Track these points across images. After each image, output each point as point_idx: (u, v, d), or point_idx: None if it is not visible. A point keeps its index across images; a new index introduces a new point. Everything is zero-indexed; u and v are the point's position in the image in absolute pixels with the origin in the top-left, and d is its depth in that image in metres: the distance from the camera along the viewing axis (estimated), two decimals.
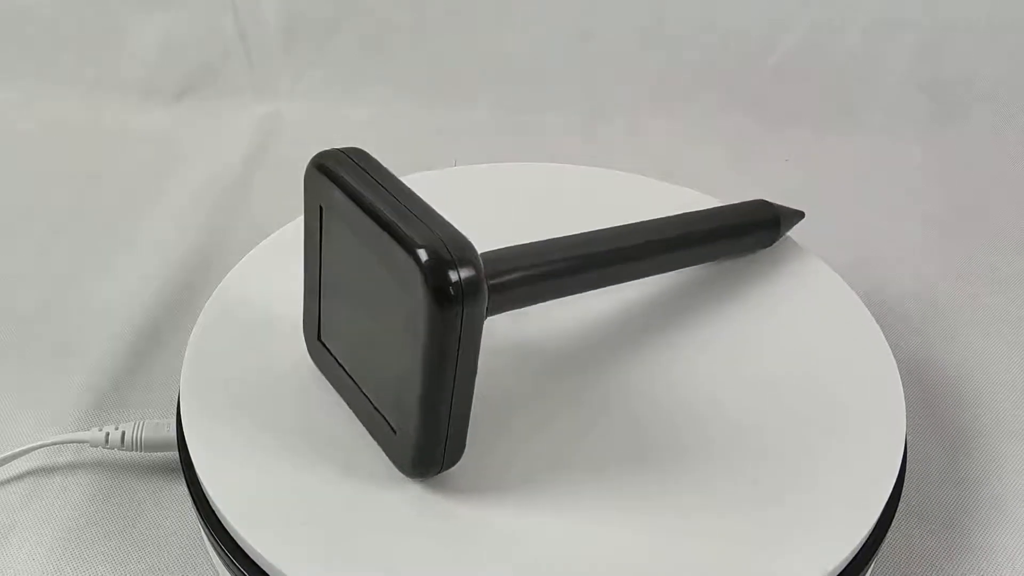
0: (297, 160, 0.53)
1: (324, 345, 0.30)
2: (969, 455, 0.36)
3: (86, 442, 0.34)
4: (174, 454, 0.31)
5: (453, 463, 0.27)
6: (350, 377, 0.29)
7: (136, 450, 0.34)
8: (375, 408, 0.28)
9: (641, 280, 0.34)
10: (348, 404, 0.29)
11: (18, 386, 0.38)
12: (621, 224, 0.33)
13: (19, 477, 0.35)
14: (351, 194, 0.26)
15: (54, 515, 0.33)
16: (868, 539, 0.27)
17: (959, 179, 0.52)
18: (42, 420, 0.37)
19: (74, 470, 0.35)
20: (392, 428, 0.27)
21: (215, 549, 0.29)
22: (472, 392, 0.26)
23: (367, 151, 0.27)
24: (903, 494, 0.29)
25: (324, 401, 0.30)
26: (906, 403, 0.31)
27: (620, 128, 0.55)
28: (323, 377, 0.31)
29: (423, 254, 0.24)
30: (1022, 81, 0.54)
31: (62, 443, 0.34)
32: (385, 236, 0.25)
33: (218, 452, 0.29)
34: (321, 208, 0.27)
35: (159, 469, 0.35)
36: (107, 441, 0.34)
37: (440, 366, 0.25)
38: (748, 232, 0.36)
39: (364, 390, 0.28)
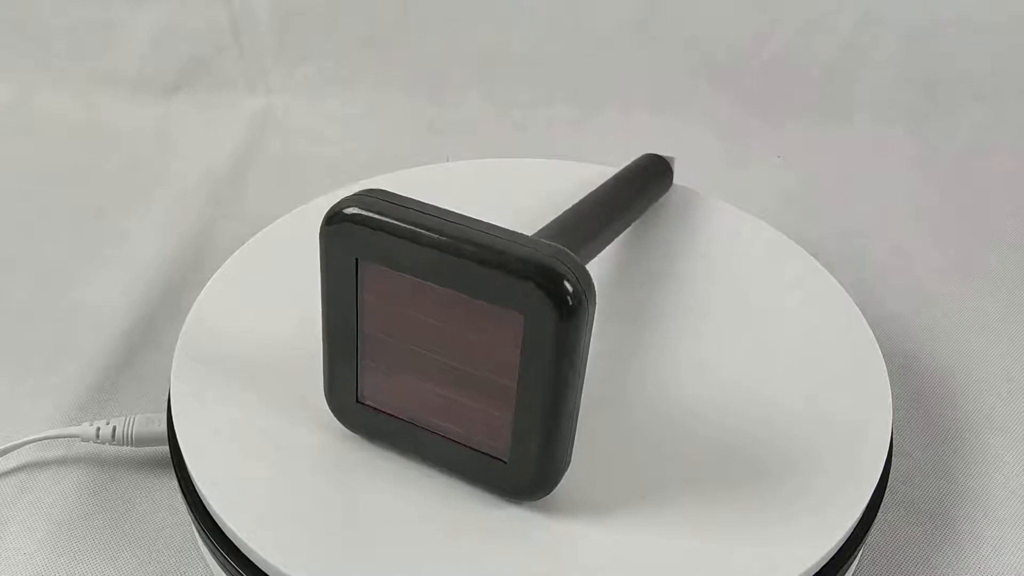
0: (289, 154, 0.54)
1: (367, 405, 0.28)
2: (956, 449, 0.37)
3: (77, 436, 0.34)
4: (165, 448, 0.31)
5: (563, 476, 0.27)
6: (420, 427, 0.27)
7: (127, 444, 0.34)
8: (468, 447, 0.27)
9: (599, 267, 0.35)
10: (412, 454, 0.28)
11: (10, 381, 0.38)
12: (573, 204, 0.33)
13: (10, 472, 0.35)
14: (407, 234, 0.24)
15: (45, 509, 0.33)
16: (854, 529, 0.28)
17: (951, 176, 0.52)
18: (33, 415, 0.37)
19: (65, 464, 0.35)
20: (498, 459, 0.26)
21: (205, 542, 0.29)
22: (580, 400, 0.26)
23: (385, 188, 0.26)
24: (891, 486, 0.30)
25: (314, 395, 0.30)
26: (895, 397, 0.31)
27: (614, 123, 0.55)
28: (311, 368, 0.31)
29: (539, 273, 0.23)
30: (1014, 77, 0.55)
31: (53, 438, 0.34)
32: (474, 267, 0.24)
33: (208, 446, 0.29)
34: (357, 261, 0.26)
35: (150, 463, 0.35)
36: (98, 436, 0.34)
37: (569, 379, 0.25)
38: (656, 183, 0.39)
39: (447, 434, 0.27)
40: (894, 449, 0.30)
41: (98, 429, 0.34)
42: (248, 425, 0.30)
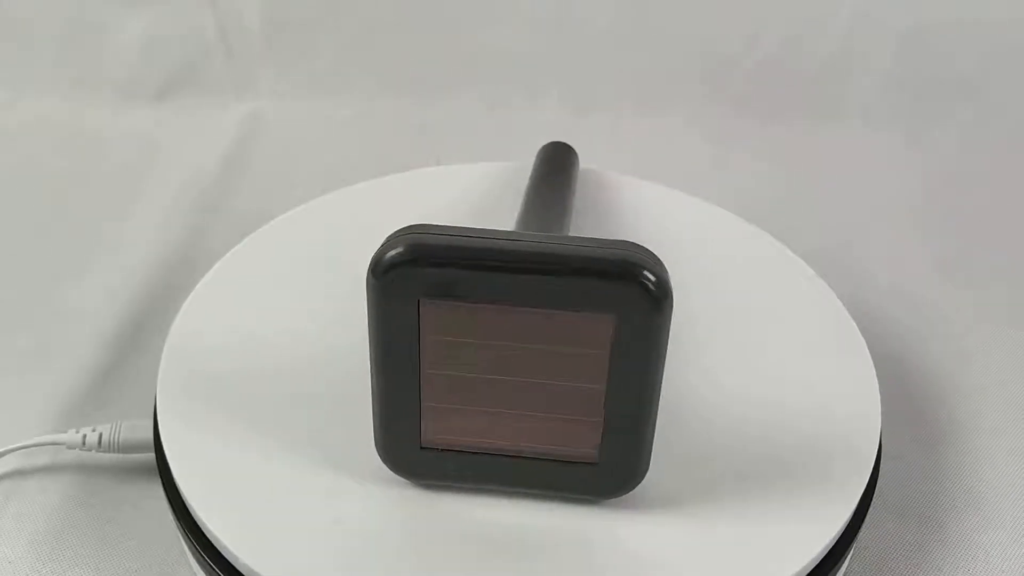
0: (279, 158, 0.54)
1: (433, 449, 0.27)
2: (945, 451, 0.37)
3: (63, 444, 0.34)
4: (152, 455, 0.31)
5: None
6: (494, 454, 0.27)
7: (114, 452, 0.34)
8: (552, 460, 0.27)
9: None
10: (484, 484, 0.28)
11: None
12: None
13: None
14: (479, 263, 0.24)
15: (31, 518, 0.33)
16: (843, 532, 0.28)
17: (941, 176, 0.52)
18: (19, 422, 0.36)
19: (51, 472, 0.35)
20: (587, 463, 0.26)
21: (191, 551, 0.29)
22: None
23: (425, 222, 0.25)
24: (880, 488, 0.30)
25: (302, 400, 0.30)
26: (885, 399, 0.31)
27: (604, 126, 0.55)
28: (298, 372, 0.31)
29: (631, 271, 0.23)
30: (1004, 78, 0.55)
31: (39, 445, 0.34)
32: (560, 279, 0.23)
33: (194, 453, 0.29)
34: (419, 303, 0.25)
35: (137, 471, 0.34)
36: (84, 443, 0.33)
37: (659, 369, 0.25)
38: (574, 170, 0.40)
39: (527, 453, 0.27)
40: (884, 451, 0.30)
41: (84, 436, 0.33)
42: (236, 431, 0.29)
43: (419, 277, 0.24)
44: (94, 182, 0.51)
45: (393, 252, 0.24)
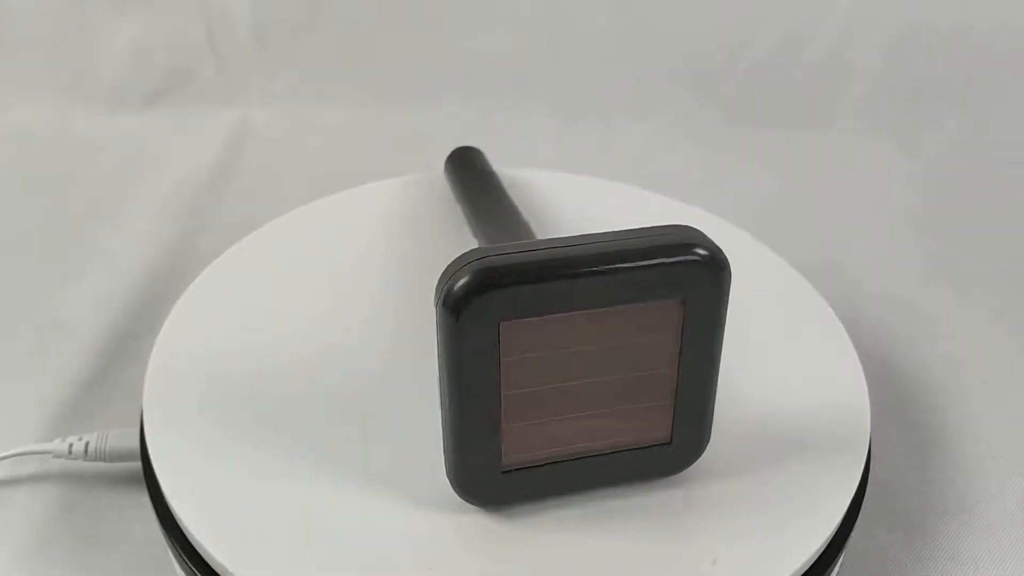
0: (269, 165, 0.54)
1: (514, 470, 0.27)
2: (936, 457, 0.36)
3: (50, 453, 0.34)
4: (139, 464, 0.31)
5: None
6: (574, 459, 0.27)
7: (101, 460, 0.33)
8: (629, 449, 0.27)
9: None
10: (564, 493, 0.28)
11: None
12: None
13: None
14: (559, 273, 0.24)
15: (18, 527, 0.33)
16: (833, 538, 0.27)
17: (932, 182, 0.52)
18: (5, 431, 0.36)
19: (38, 481, 0.34)
20: (660, 444, 0.27)
21: (178, 560, 0.28)
22: None
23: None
24: (869, 496, 0.30)
25: (290, 407, 0.30)
26: (875, 405, 0.31)
27: (595, 131, 0.55)
28: (289, 383, 0.31)
29: (695, 253, 0.24)
30: (994, 83, 0.55)
31: (25, 454, 0.34)
32: (634, 273, 0.24)
33: (181, 462, 0.29)
34: (499, 326, 0.24)
35: (125, 479, 0.34)
36: (71, 452, 0.33)
37: (722, 338, 0.26)
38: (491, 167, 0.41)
39: (606, 449, 0.27)
40: (873, 457, 0.30)
41: (71, 445, 0.33)
42: (223, 439, 0.29)
43: (497, 301, 0.24)
44: (83, 189, 0.51)
45: (463, 281, 0.23)
